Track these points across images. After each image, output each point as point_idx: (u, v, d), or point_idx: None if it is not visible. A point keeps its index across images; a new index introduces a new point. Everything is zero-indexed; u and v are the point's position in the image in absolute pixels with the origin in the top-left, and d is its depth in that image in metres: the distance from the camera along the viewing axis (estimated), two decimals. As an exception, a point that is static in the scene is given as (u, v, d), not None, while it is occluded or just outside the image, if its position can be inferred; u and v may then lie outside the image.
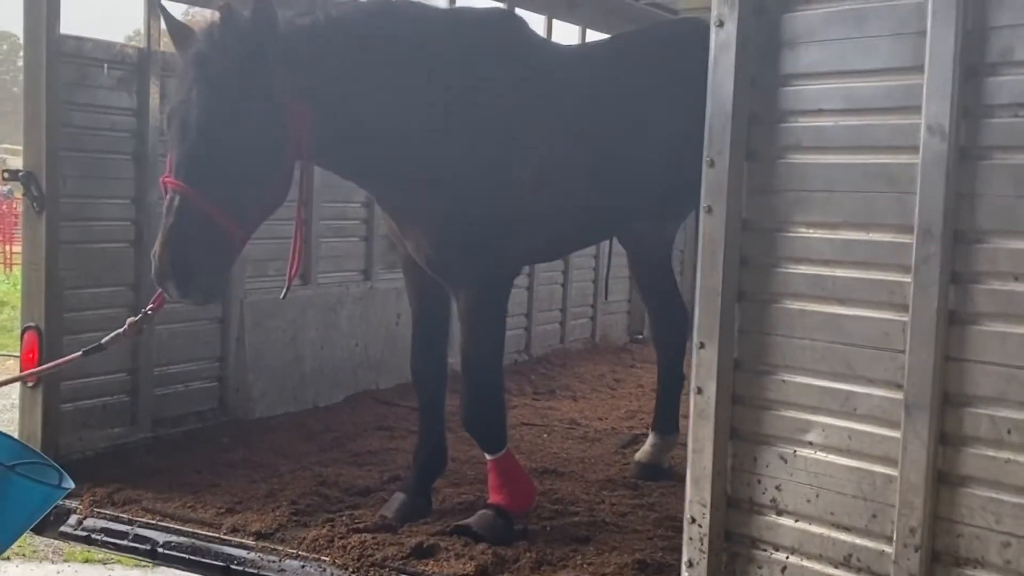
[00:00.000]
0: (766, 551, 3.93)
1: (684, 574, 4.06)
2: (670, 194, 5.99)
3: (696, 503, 4.03)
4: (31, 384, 6.14)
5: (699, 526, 4.01)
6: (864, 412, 3.66)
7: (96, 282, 6.55)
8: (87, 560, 8.56)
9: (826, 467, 3.77)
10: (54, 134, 6.14)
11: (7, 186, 21.48)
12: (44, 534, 6.03)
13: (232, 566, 5.27)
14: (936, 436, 3.47)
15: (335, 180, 8.39)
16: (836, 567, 3.75)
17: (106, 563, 8.28)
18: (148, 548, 5.57)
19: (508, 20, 5.66)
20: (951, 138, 3.37)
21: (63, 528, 5.83)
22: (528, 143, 5.30)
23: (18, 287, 6.38)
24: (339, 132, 4.99)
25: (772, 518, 3.91)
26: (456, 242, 5.24)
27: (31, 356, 6.12)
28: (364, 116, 5.03)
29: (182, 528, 5.57)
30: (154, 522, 5.66)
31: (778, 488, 3.88)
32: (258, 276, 7.94)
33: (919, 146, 3.44)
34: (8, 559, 8.24)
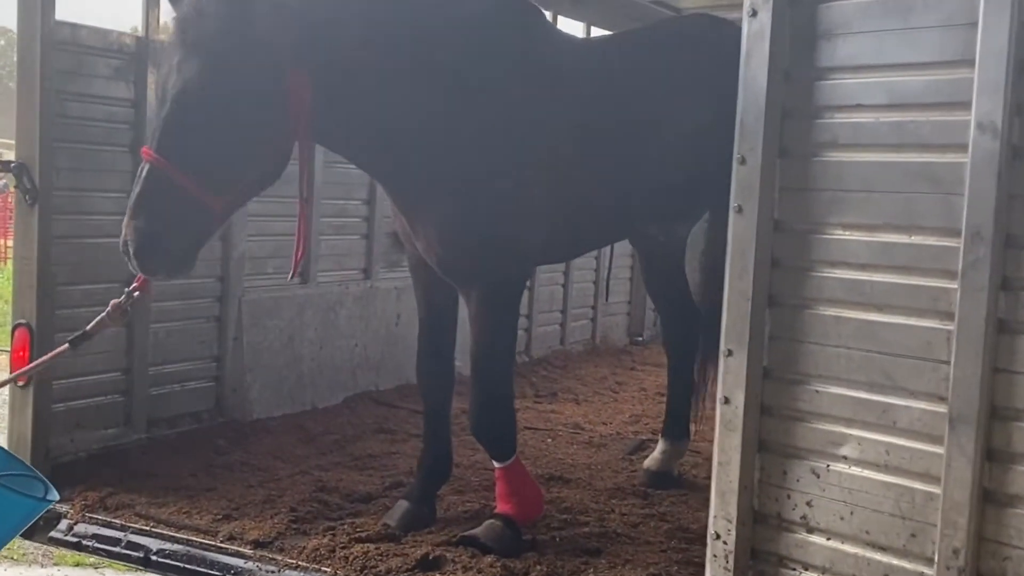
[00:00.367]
0: (795, 570, 3.74)
1: (707, 593, 3.87)
2: (687, 193, 5.79)
3: (721, 518, 3.83)
4: (21, 383, 5.92)
5: (724, 543, 3.82)
6: (904, 426, 3.46)
7: (90, 278, 6.32)
8: (78, 564, 8.32)
9: (862, 483, 3.58)
10: (48, 124, 5.91)
11: (2, 179, 21.24)
12: (33, 539, 5.81)
13: (229, 576, 5.06)
14: (982, 452, 3.28)
15: (336, 177, 8.33)
16: (871, 588, 3.56)
17: (97, 567, 8.04)
18: (141, 556, 5.35)
19: (526, 10, 5.43)
20: (1003, 136, 3.18)
21: (53, 533, 5.62)
22: (543, 139, 5.09)
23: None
24: (342, 111, 4.74)
25: (802, 536, 3.72)
26: (469, 242, 5.02)
27: (21, 354, 5.90)
28: (369, 97, 4.78)
29: (177, 535, 5.36)
30: (148, 528, 5.45)
31: (809, 504, 3.69)
32: (257, 274, 7.74)
33: (968, 144, 3.25)
34: (-4, 561, 8.03)
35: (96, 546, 5.49)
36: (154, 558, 5.30)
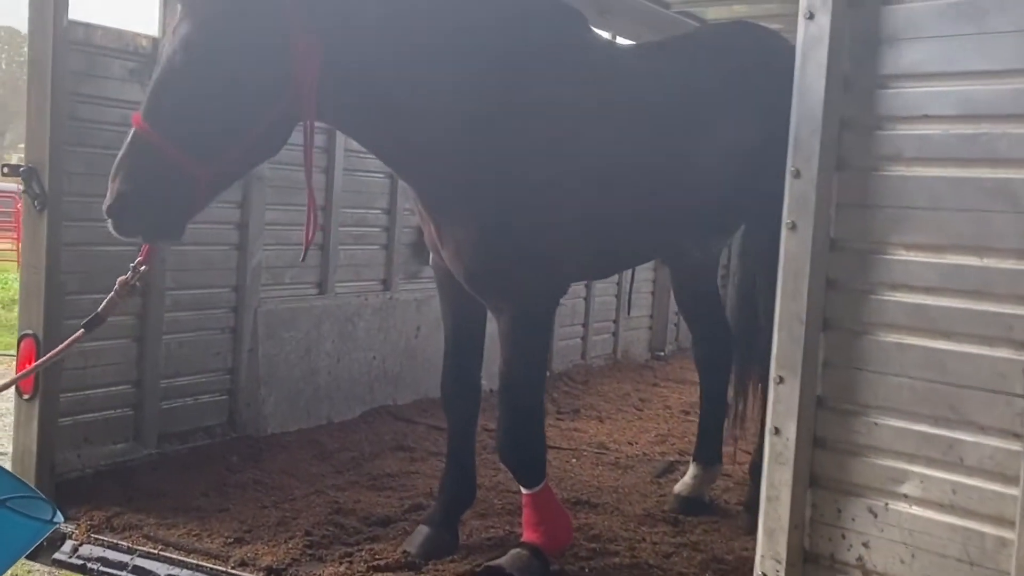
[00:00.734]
0: (849, 616, 3.47)
1: (753, 637, 3.61)
2: (726, 207, 5.53)
3: (769, 558, 3.57)
4: (27, 396, 5.68)
5: (772, 584, 3.55)
6: (973, 463, 3.20)
7: (100, 287, 5.95)
8: (85, 581, 8.11)
9: (924, 524, 3.31)
10: (59, 128, 5.67)
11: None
12: (37, 560, 5.56)
13: (240, 605, 4.81)
14: (1062, 495, 3.01)
15: (355, 185, 8.12)
16: (933, 638, 3.30)
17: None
18: (148, 581, 5.11)
19: (569, 16, 5.15)
20: (1090, 151, 2.91)
21: (57, 555, 5.36)
22: (581, 148, 4.81)
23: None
24: (358, 90, 4.45)
25: (858, 579, 3.45)
26: (499, 253, 4.73)
27: (28, 366, 5.66)
28: (392, 80, 4.48)
29: (186, 560, 5.09)
30: (156, 552, 5.18)
31: (866, 545, 3.43)
32: (273, 284, 7.52)
33: (1049, 159, 2.98)
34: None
35: (101, 569, 5.22)
36: (162, 584, 5.06)
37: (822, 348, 3.50)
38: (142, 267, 4.56)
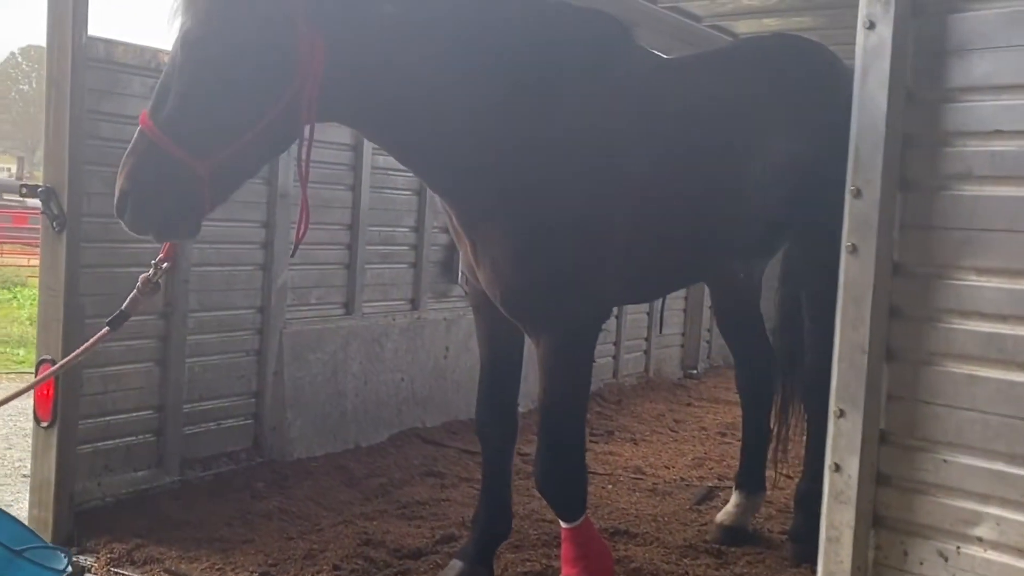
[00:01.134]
0: (917, 667, 3.23)
1: None
2: (773, 225, 5.31)
3: (830, 604, 3.33)
4: (45, 423, 5.50)
5: (832, 632, 3.32)
6: (1054, 505, 2.96)
7: None
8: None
9: (1001, 570, 3.06)
10: (78, 146, 5.49)
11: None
12: (56, 596, 5.37)
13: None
14: None
15: (382, 203, 7.94)
16: None
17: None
18: (170, 618, 4.91)
19: (612, 26, 4.91)
20: None
21: (76, 590, 5.17)
22: (625, 164, 4.58)
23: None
24: (369, 89, 4.23)
25: (926, 628, 3.21)
26: (539, 276, 4.48)
27: (47, 393, 5.48)
28: (407, 80, 4.25)
29: (209, 596, 4.91)
30: (178, 588, 5.00)
31: (935, 591, 3.19)
32: (299, 304, 7.34)
33: None
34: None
35: (121, 606, 5.05)
36: (184, 621, 4.87)
37: (885, 380, 3.27)
38: (164, 264, 4.44)
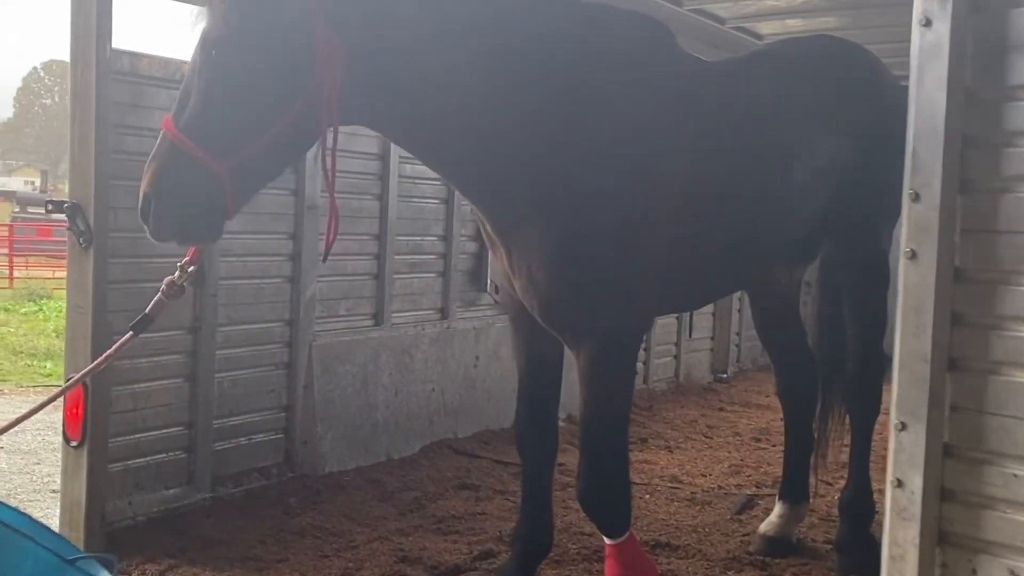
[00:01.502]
0: None
1: None
2: (815, 230, 5.18)
3: (894, 624, 3.20)
4: (75, 443, 5.41)
5: (897, 654, 3.19)
6: None
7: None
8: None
9: (1076, 588, 2.93)
10: (104, 161, 5.41)
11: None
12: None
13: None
14: None
15: (409, 212, 7.85)
16: None
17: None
18: (205, 641, 4.81)
19: (652, 27, 4.78)
20: None
21: (109, 613, 5.07)
22: (668, 170, 4.45)
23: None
24: (391, 91, 4.14)
25: (997, 649, 3.08)
26: (578, 284, 4.34)
27: (75, 412, 5.39)
28: (431, 82, 4.15)
29: (245, 618, 4.81)
30: (213, 610, 4.90)
31: (1006, 610, 3.06)
32: (328, 316, 7.24)
33: None
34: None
35: (156, 629, 4.95)
36: (220, 644, 4.76)
37: (949, 390, 3.15)
38: (190, 267, 4.34)
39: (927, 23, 3.11)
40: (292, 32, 3.90)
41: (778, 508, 5.94)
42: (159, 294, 4.36)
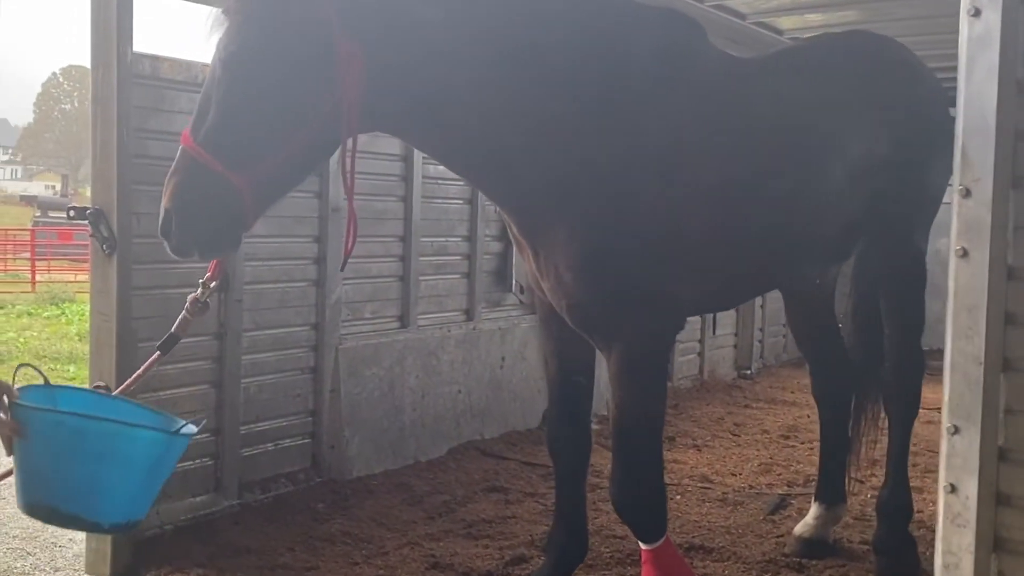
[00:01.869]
0: None
1: None
2: (851, 228, 5.08)
3: (949, 634, 3.10)
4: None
5: (952, 665, 3.09)
6: None
7: None
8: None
9: None
10: (126, 166, 5.35)
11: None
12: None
13: None
14: None
15: (433, 213, 7.78)
16: None
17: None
18: (236, 652, 4.74)
19: (682, 24, 4.68)
20: None
21: (138, 623, 5.02)
22: (699, 169, 4.36)
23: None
24: (411, 97, 4.08)
25: (1056, 660, 2.98)
26: (607, 284, 4.27)
27: (102, 422, 5.32)
28: (456, 89, 4.10)
29: (277, 629, 4.73)
30: (244, 620, 4.83)
31: (1067, 619, 2.96)
32: (353, 320, 7.18)
33: None
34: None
35: (186, 640, 4.88)
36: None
37: (1003, 392, 3.04)
38: (212, 283, 4.26)
39: (976, 13, 3.01)
40: (311, 43, 3.86)
41: (814, 509, 5.84)
42: (183, 312, 4.27)
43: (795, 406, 10.41)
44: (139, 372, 4.39)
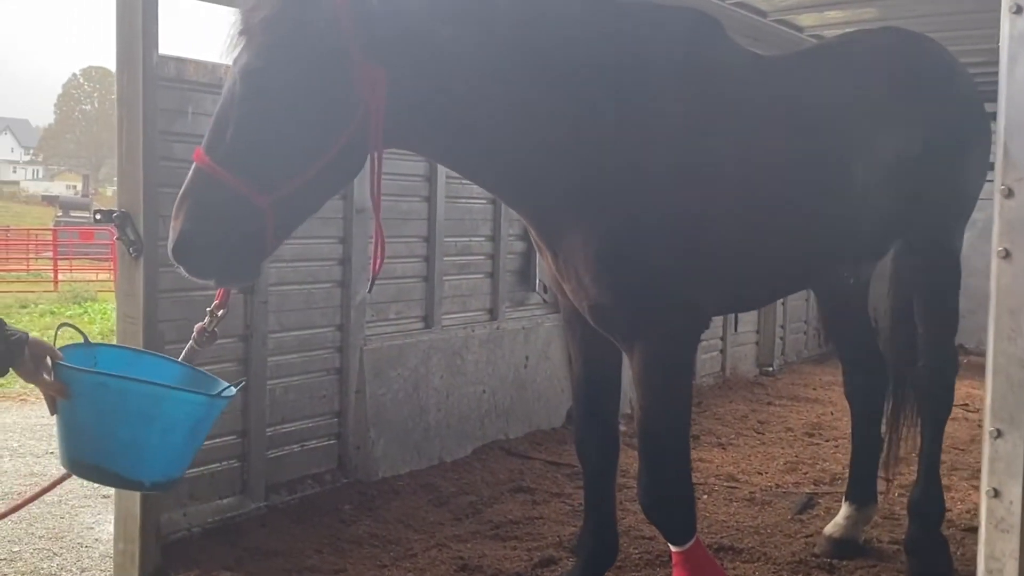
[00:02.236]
0: None
1: None
2: (886, 227, 5.03)
3: (991, 641, 3.06)
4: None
5: (994, 672, 3.05)
6: None
7: None
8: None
9: None
10: (152, 168, 5.32)
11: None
12: None
13: None
14: None
15: (457, 213, 7.76)
16: None
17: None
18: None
19: (706, 23, 4.63)
20: None
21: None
22: (721, 168, 4.31)
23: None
24: (433, 115, 4.03)
25: (1104, 669, 2.94)
26: (633, 284, 4.22)
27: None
28: (476, 101, 4.04)
29: (306, 633, 4.71)
30: (273, 624, 4.81)
31: (1114, 627, 2.92)
32: (379, 320, 7.17)
33: None
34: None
35: (215, 644, 4.86)
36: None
37: (1046, 396, 3.00)
38: (220, 312, 4.16)
39: (1018, 10, 2.96)
40: (333, 63, 3.77)
41: (845, 509, 5.79)
42: (190, 342, 4.20)
43: (818, 403, 10.37)
44: None
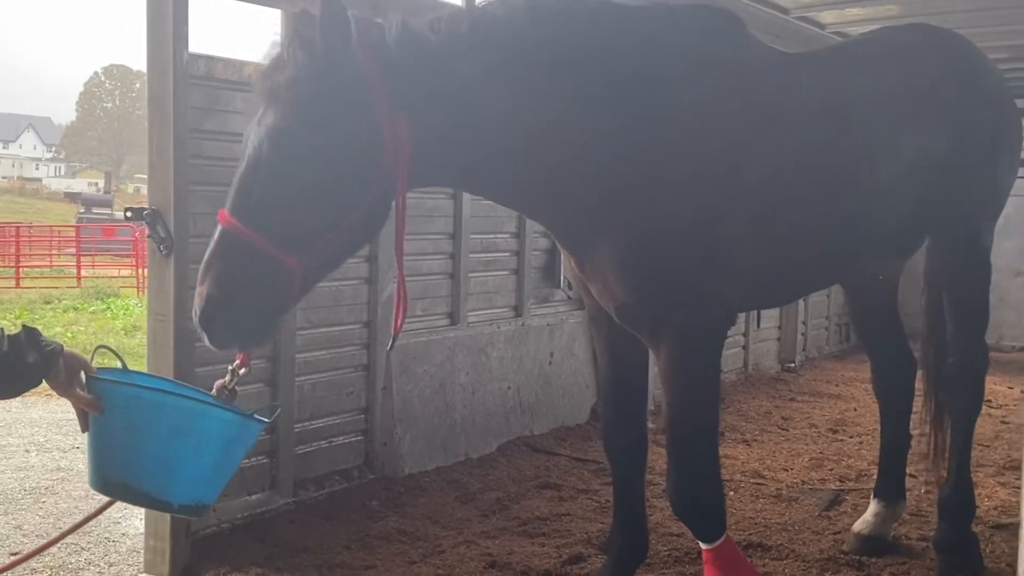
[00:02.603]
0: None
1: None
2: (915, 224, 5.03)
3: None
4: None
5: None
6: None
7: None
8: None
9: None
10: (183, 166, 5.35)
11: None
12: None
13: None
14: None
15: (482, 210, 7.78)
16: None
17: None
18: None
19: (728, 20, 4.63)
20: None
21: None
22: (743, 167, 4.30)
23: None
24: (457, 150, 4.01)
25: None
26: (656, 283, 4.22)
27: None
28: (501, 130, 4.02)
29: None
30: (304, 620, 4.85)
31: None
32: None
33: None
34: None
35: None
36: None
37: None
38: (241, 370, 3.99)
39: (1050, 10, 2.98)
40: (359, 117, 3.75)
41: (873, 506, 5.79)
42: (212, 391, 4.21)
43: (841, 399, 10.38)
44: None
